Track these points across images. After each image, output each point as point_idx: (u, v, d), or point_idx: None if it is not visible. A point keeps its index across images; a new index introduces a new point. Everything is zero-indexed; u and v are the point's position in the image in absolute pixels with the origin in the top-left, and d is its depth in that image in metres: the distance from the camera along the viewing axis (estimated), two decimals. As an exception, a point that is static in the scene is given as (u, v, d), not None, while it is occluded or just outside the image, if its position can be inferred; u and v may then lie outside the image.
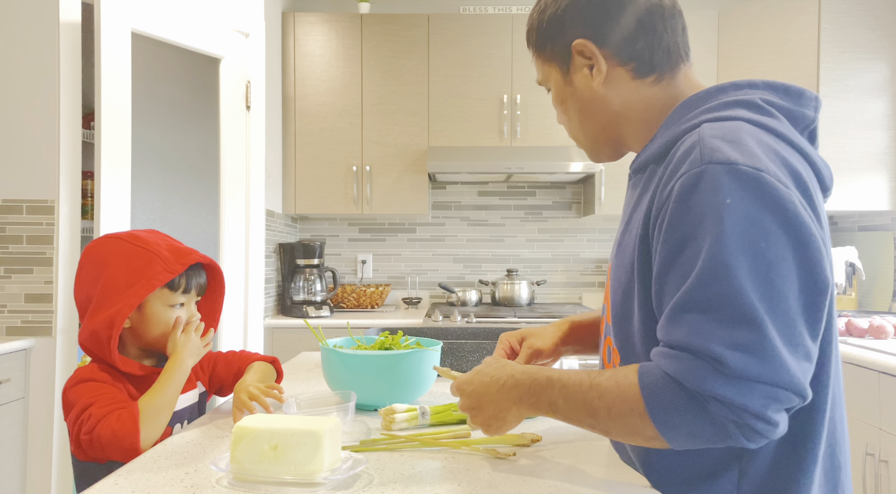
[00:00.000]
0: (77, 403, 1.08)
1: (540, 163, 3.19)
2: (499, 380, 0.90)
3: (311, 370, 1.70)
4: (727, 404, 0.72)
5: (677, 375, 0.75)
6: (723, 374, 0.72)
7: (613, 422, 0.80)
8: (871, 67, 2.99)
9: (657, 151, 0.89)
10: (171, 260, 1.16)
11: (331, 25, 3.33)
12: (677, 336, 0.75)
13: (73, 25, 2.31)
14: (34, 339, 2.27)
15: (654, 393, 0.76)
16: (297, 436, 0.86)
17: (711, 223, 0.74)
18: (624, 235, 0.92)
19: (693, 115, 0.86)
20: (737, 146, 0.77)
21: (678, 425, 0.75)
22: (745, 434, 0.73)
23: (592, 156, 1.02)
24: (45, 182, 2.28)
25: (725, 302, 0.72)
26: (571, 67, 0.95)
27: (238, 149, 2.87)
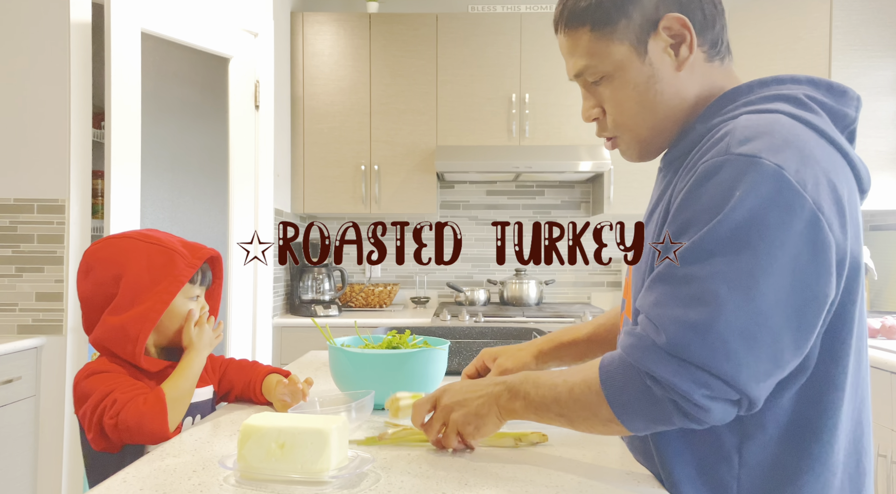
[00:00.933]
0: (94, 392, 1.09)
1: (549, 163, 3.18)
2: (484, 382, 0.93)
3: (318, 368, 1.70)
4: (661, 382, 0.74)
5: (626, 350, 0.77)
6: (660, 349, 0.73)
7: (574, 405, 0.81)
8: (884, 65, 2.97)
9: (692, 142, 0.87)
10: (188, 255, 1.20)
11: (339, 25, 3.33)
12: (643, 302, 0.78)
13: (84, 25, 2.32)
14: (45, 337, 2.28)
15: (608, 372, 0.79)
16: (304, 435, 0.86)
17: (715, 211, 0.74)
18: (648, 227, 0.92)
19: (732, 108, 0.85)
20: (766, 140, 0.75)
21: (627, 403, 0.77)
22: (682, 415, 0.74)
23: (641, 153, 0.94)
24: (56, 181, 2.29)
25: (692, 282, 0.73)
26: (650, 45, 0.87)
27: (247, 148, 2.88)
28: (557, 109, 3.32)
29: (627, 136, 0.92)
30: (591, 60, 0.89)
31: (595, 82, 0.91)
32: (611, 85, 0.89)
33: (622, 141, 0.94)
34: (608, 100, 0.91)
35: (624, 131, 0.92)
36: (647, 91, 0.88)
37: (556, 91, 3.32)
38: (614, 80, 0.89)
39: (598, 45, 0.88)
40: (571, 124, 3.32)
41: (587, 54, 0.89)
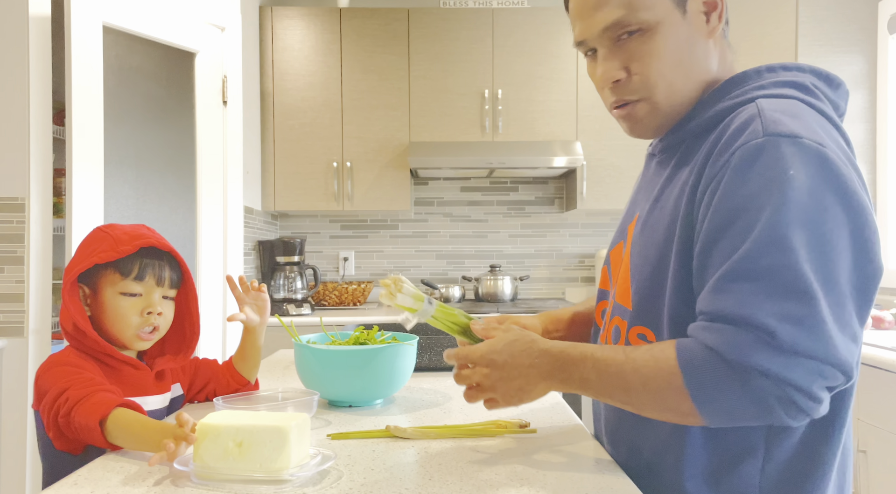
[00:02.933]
0: (52, 388, 1.05)
1: (522, 158, 3.17)
2: (530, 352, 0.86)
3: (287, 367, 1.67)
4: (772, 377, 0.70)
5: (719, 347, 0.72)
6: (770, 346, 0.69)
7: (649, 397, 0.77)
8: (849, 61, 3.01)
9: (699, 126, 0.86)
10: (124, 241, 1.12)
11: (309, 19, 3.29)
12: (723, 305, 0.73)
13: (43, 19, 2.25)
14: (6, 340, 2.21)
15: (692, 367, 0.74)
16: (262, 433, 0.83)
17: (771, 193, 0.72)
18: (652, 212, 0.89)
19: (742, 92, 0.85)
20: (799, 121, 0.76)
21: (716, 399, 0.73)
22: (787, 411, 0.71)
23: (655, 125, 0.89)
24: (16, 179, 2.23)
25: (779, 273, 0.70)
26: (689, 6, 0.85)
27: (215, 145, 2.82)
28: (530, 105, 3.31)
29: (653, 99, 0.87)
30: (629, 11, 0.84)
31: (624, 37, 0.85)
32: (649, 40, 0.84)
33: (642, 107, 0.88)
34: (642, 56, 0.85)
35: (653, 92, 0.86)
36: (685, 50, 0.85)
37: (529, 87, 3.31)
38: (655, 35, 0.84)
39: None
40: (544, 120, 3.32)
41: (625, 5, 0.84)
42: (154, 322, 1.15)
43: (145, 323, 1.15)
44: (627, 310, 0.90)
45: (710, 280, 0.75)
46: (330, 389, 1.20)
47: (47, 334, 2.28)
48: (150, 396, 1.17)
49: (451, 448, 0.96)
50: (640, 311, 0.88)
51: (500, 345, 0.88)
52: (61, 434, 1.03)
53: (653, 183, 0.94)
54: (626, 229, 0.97)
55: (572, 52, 3.31)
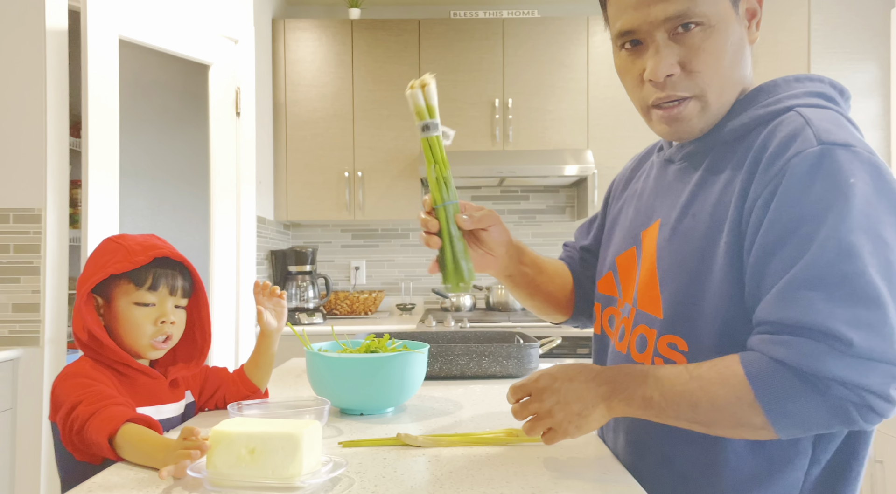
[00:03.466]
0: (65, 402, 1.06)
1: (533, 167, 3.18)
2: (587, 374, 0.84)
3: (299, 376, 1.68)
4: (849, 385, 0.70)
5: (790, 360, 0.72)
6: (844, 354, 0.69)
7: (719, 414, 0.76)
8: (863, 68, 3.00)
9: (730, 133, 0.86)
10: (137, 252, 1.14)
11: (321, 31, 3.32)
12: (791, 314, 0.72)
13: (60, 33, 2.29)
14: (22, 349, 2.24)
15: (763, 381, 0.73)
16: (275, 440, 0.84)
17: (834, 201, 0.72)
18: (682, 220, 0.88)
19: (774, 101, 0.85)
20: (845, 130, 0.77)
21: (791, 412, 0.72)
22: (864, 416, 0.71)
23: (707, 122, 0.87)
24: (33, 190, 2.26)
25: (849, 280, 0.70)
26: (740, 8, 0.86)
27: (228, 155, 2.85)
28: (541, 114, 3.32)
29: (706, 98, 0.85)
30: (696, 5, 0.81)
31: (680, 31, 0.83)
32: (710, 36, 0.83)
33: (694, 105, 0.86)
34: (701, 52, 0.83)
35: (706, 90, 0.85)
36: (738, 51, 0.85)
37: (540, 96, 3.32)
38: (715, 31, 0.83)
39: None
40: (555, 128, 3.32)
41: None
42: (168, 331, 1.17)
43: (159, 333, 1.16)
44: (657, 319, 0.89)
45: (774, 288, 0.74)
46: (341, 397, 1.21)
47: (63, 344, 2.30)
48: (166, 404, 1.18)
49: (463, 456, 0.96)
50: (672, 320, 0.87)
51: (555, 370, 0.86)
52: (77, 448, 1.04)
53: (675, 189, 0.92)
54: (640, 235, 0.96)
55: (583, 61, 3.32)
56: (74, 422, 1.01)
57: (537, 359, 1.60)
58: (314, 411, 1.11)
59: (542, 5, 3.70)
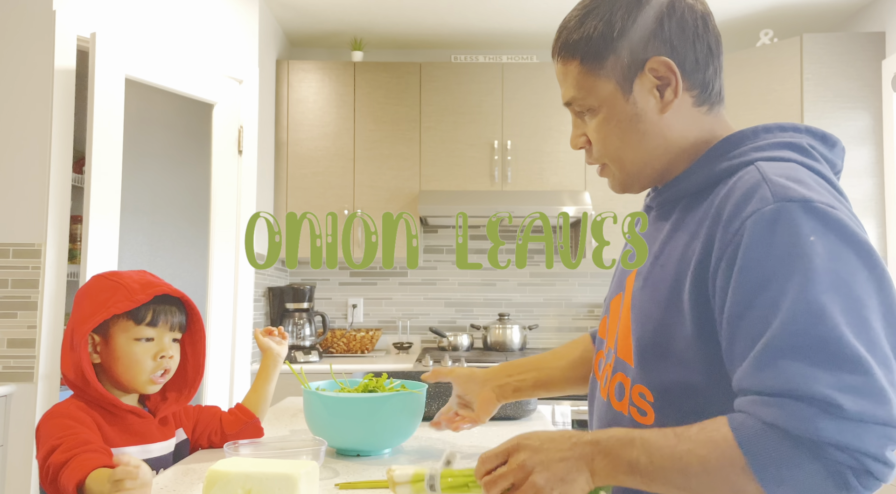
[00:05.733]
0: (46, 443, 1.05)
1: (531, 207, 3.21)
2: (568, 434, 0.80)
3: (294, 415, 1.66)
4: (844, 449, 0.67)
5: (782, 423, 0.69)
6: (837, 418, 0.67)
7: (710, 480, 0.72)
8: (855, 116, 3.05)
9: (696, 185, 0.88)
10: (137, 290, 1.14)
11: (324, 73, 3.39)
12: (774, 383, 0.70)
13: (68, 72, 2.34)
14: (15, 385, 2.22)
15: (754, 445, 0.70)
16: (271, 480, 0.83)
17: (796, 261, 0.71)
18: (653, 270, 0.88)
19: (740, 153, 0.85)
20: (804, 185, 0.76)
21: (785, 479, 0.69)
22: (861, 480, 0.68)
23: (624, 185, 0.95)
24: (33, 225, 2.27)
25: (826, 344, 0.69)
26: (636, 85, 0.88)
27: (229, 193, 2.88)
28: (539, 155, 3.37)
29: (612, 168, 0.94)
30: (578, 92, 0.91)
31: (581, 113, 0.93)
32: (594, 118, 0.91)
33: (608, 171, 0.95)
34: (593, 132, 0.92)
35: (609, 161, 0.94)
36: (628, 129, 0.89)
37: (538, 138, 3.37)
38: (598, 114, 0.91)
39: (586, 78, 0.90)
40: (552, 170, 3.36)
41: (575, 86, 0.91)
42: (166, 365, 1.17)
43: (158, 367, 1.16)
44: (630, 367, 0.89)
45: (750, 356, 0.73)
46: (338, 437, 1.19)
47: (56, 380, 2.28)
48: (155, 443, 1.17)
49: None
50: (641, 369, 0.87)
51: (532, 432, 0.81)
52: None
53: (652, 237, 0.94)
54: (625, 281, 0.97)
55: (580, 105, 3.38)
56: (49, 469, 1.00)
57: (536, 401, 1.59)
58: (310, 451, 1.10)
59: (540, 51, 3.78)
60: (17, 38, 2.30)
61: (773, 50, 3.15)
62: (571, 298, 3.70)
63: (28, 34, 2.30)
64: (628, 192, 0.97)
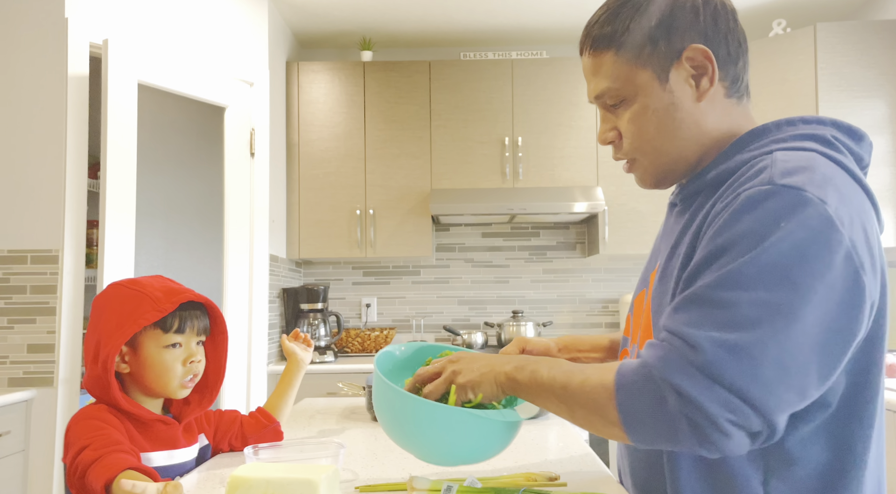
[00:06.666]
0: (75, 443, 1.06)
1: (543, 204, 3.20)
2: (493, 355, 0.93)
3: (312, 416, 1.67)
4: (685, 397, 0.71)
5: (650, 360, 0.75)
6: (692, 366, 0.71)
7: (582, 395, 0.79)
8: (871, 105, 3.01)
9: (715, 177, 0.88)
10: (162, 299, 1.14)
11: (334, 73, 3.39)
12: (674, 322, 0.76)
13: (82, 78, 2.36)
14: (35, 390, 2.24)
15: (624, 376, 0.77)
16: (293, 485, 0.83)
17: (756, 239, 0.73)
18: (670, 261, 0.89)
19: (761, 144, 0.86)
20: (808, 174, 0.77)
21: (637, 411, 0.75)
22: (696, 437, 0.71)
23: (656, 179, 0.94)
24: (50, 232, 2.29)
25: (734, 306, 0.72)
26: (672, 74, 0.87)
27: (242, 195, 2.89)
28: (550, 151, 3.36)
29: (644, 161, 0.92)
30: (612, 83, 0.90)
31: (614, 105, 0.92)
32: (630, 109, 0.90)
33: (638, 165, 0.94)
34: (626, 123, 0.91)
35: (639, 154, 0.92)
36: (665, 118, 0.89)
37: (549, 134, 3.36)
38: (634, 104, 0.89)
39: (622, 69, 0.89)
40: (564, 166, 3.35)
41: (609, 77, 0.90)
42: (195, 370, 1.19)
43: (189, 372, 1.18)
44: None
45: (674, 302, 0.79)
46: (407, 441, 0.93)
47: (76, 384, 2.31)
48: (180, 449, 1.18)
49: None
50: None
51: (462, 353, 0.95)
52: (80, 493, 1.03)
53: (672, 231, 0.94)
54: (649, 278, 0.97)
55: (591, 100, 3.36)
56: (78, 467, 1.01)
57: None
58: (330, 454, 1.10)
59: (549, 46, 3.77)
60: (31, 46, 2.33)
61: (786, 40, 3.11)
62: (585, 294, 3.69)
63: (41, 42, 2.32)
64: (659, 187, 0.95)
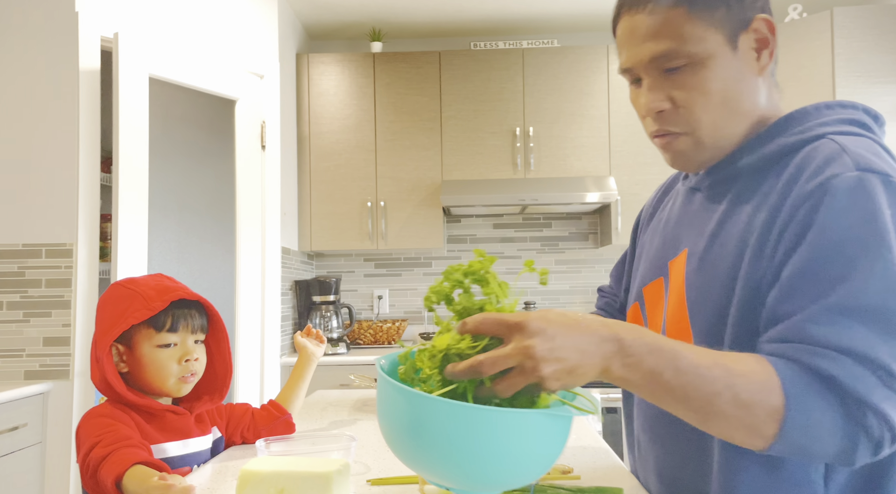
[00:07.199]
0: (85, 442, 1.07)
1: (555, 195, 3.18)
2: (590, 326, 0.68)
3: (324, 408, 1.67)
4: (882, 419, 0.67)
5: (839, 376, 0.68)
6: (887, 387, 0.68)
7: (733, 411, 0.68)
8: (889, 91, 2.96)
9: (759, 160, 0.85)
10: (153, 297, 1.14)
11: (344, 65, 3.38)
12: (835, 340, 0.69)
13: (93, 72, 2.36)
14: (52, 383, 2.27)
15: (799, 390, 0.68)
16: (304, 480, 0.83)
17: (875, 232, 0.71)
18: (711, 249, 0.86)
19: (805, 128, 0.83)
20: (883, 160, 0.76)
21: (810, 428, 0.68)
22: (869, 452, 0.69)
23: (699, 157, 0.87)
24: (64, 226, 2.31)
25: (893, 315, 0.69)
26: (740, 42, 0.83)
27: (253, 188, 2.89)
28: (562, 141, 3.33)
29: (699, 135, 0.85)
30: (680, 43, 0.81)
31: (673, 70, 0.83)
32: (696, 74, 0.82)
33: (685, 140, 0.86)
34: (688, 90, 0.83)
35: (696, 127, 0.85)
36: (733, 88, 0.83)
37: (561, 124, 3.33)
38: (703, 68, 0.82)
39: (694, 27, 0.82)
40: (576, 156, 3.32)
41: (677, 36, 0.82)
42: (192, 368, 1.18)
43: (184, 371, 1.18)
44: None
45: (809, 309, 0.71)
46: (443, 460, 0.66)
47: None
48: (194, 438, 1.19)
49: None
50: None
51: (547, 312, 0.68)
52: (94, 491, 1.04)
53: (702, 218, 0.91)
54: (667, 265, 0.94)
55: (603, 88, 3.33)
56: (90, 465, 1.02)
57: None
58: (342, 447, 1.10)
59: (561, 35, 3.73)
60: (42, 41, 2.33)
61: (802, 25, 3.06)
62: (598, 285, 3.66)
63: (52, 36, 2.33)
64: (700, 169, 0.90)
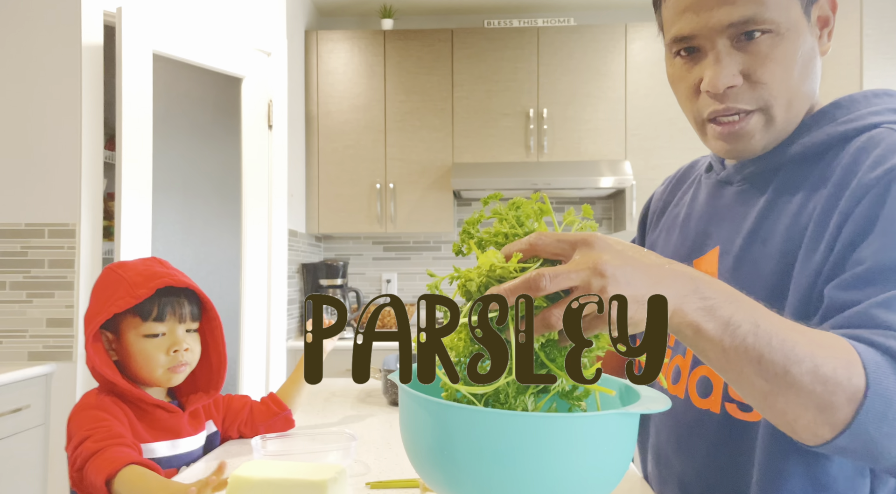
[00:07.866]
0: (75, 434, 1.03)
1: (569, 179, 3.10)
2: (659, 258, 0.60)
3: (327, 399, 1.63)
4: None
5: None
6: None
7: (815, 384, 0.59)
8: (918, 74, 2.85)
9: (806, 149, 0.78)
10: (139, 284, 1.09)
11: (353, 43, 3.30)
12: None
13: (96, 48, 2.30)
14: (55, 364, 2.24)
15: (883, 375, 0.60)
16: (298, 488, 0.78)
17: None
18: (751, 247, 0.79)
19: (854, 117, 0.78)
20: None
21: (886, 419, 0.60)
22: None
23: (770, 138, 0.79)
24: (67, 205, 2.27)
25: None
26: (812, 16, 0.78)
27: (260, 168, 2.84)
28: (577, 124, 3.24)
29: (771, 112, 0.77)
30: (765, 10, 0.73)
31: (749, 38, 0.75)
32: (778, 44, 0.75)
33: (757, 120, 0.78)
34: (768, 61, 0.75)
35: (773, 103, 0.76)
36: (809, 63, 0.77)
37: (575, 105, 3.24)
38: (784, 39, 0.75)
39: None
40: (591, 139, 3.24)
41: (758, 1, 0.73)
42: (182, 359, 1.13)
43: (173, 361, 1.13)
44: None
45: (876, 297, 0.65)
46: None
47: (95, 358, 2.30)
48: (185, 438, 1.14)
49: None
50: None
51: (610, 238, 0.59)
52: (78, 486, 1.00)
53: (736, 213, 0.84)
54: (692, 264, 0.88)
55: (620, 69, 3.23)
56: (77, 459, 0.98)
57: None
58: (341, 447, 1.06)
59: (578, 13, 3.62)
60: (44, 15, 2.27)
61: (829, 5, 2.94)
62: (610, 271, 3.60)
63: (54, 10, 2.27)
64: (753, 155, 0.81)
